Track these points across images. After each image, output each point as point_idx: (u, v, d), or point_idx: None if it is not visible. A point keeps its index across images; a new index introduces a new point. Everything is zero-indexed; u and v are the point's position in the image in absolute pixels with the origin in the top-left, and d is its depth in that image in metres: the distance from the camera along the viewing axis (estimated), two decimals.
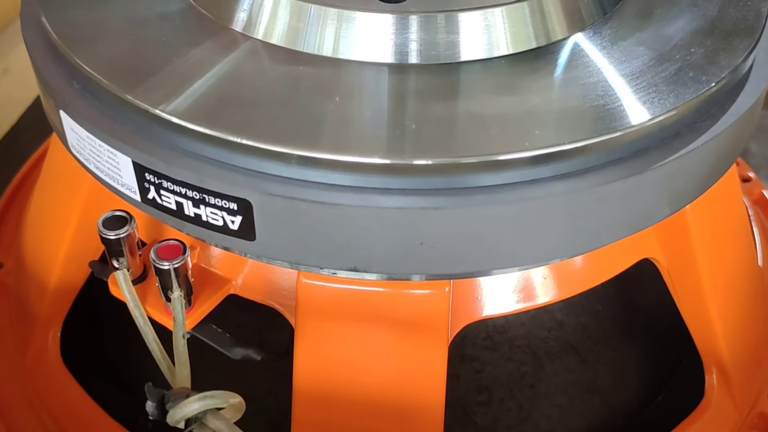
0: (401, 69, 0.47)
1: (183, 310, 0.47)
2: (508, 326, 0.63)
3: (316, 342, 0.49)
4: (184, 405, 0.37)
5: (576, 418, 0.60)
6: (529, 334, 0.63)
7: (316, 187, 0.42)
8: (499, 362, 0.61)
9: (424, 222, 0.42)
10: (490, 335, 0.63)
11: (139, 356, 0.66)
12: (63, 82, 0.49)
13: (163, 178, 0.44)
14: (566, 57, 0.49)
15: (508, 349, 0.62)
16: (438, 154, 0.42)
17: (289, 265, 0.48)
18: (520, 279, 0.52)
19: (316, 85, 0.46)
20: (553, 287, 0.53)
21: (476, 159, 0.42)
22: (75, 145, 0.49)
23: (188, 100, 0.45)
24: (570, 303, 0.65)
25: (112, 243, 0.49)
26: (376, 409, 0.49)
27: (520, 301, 0.52)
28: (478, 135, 0.43)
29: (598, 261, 0.54)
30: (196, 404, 0.36)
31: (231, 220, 0.44)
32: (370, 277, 0.48)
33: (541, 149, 0.42)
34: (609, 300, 0.66)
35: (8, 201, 0.82)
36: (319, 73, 0.47)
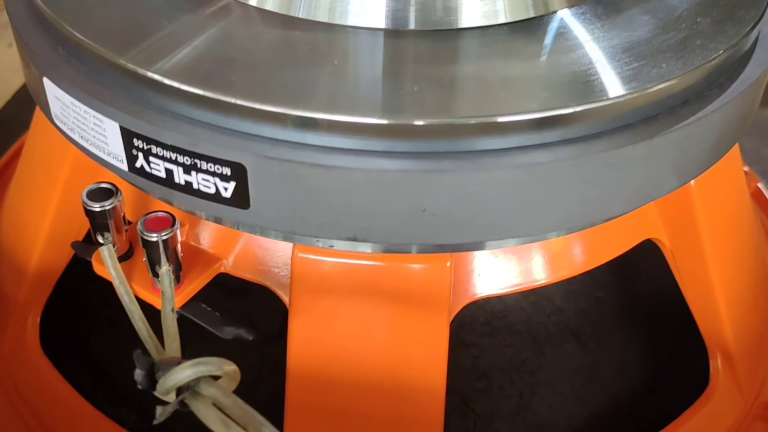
0: (399, 34, 0.46)
1: (172, 284, 0.45)
2: (507, 311, 0.61)
3: (311, 320, 0.47)
4: (175, 372, 0.34)
5: (578, 406, 0.58)
6: (528, 319, 0.61)
7: (314, 149, 0.40)
8: (498, 348, 0.59)
9: (427, 186, 0.40)
10: (488, 320, 0.61)
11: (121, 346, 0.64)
12: (47, 48, 0.47)
13: (153, 143, 0.42)
14: (569, 25, 0.48)
15: (507, 334, 0.60)
16: (442, 115, 0.40)
17: (283, 236, 0.46)
18: (523, 257, 0.50)
19: (312, 49, 0.44)
20: (557, 266, 0.51)
21: (481, 120, 0.40)
22: (59, 114, 0.47)
23: (180, 63, 0.43)
24: (570, 289, 0.64)
25: (97, 216, 0.47)
26: (375, 390, 0.47)
27: (522, 280, 0.50)
28: (483, 97, 0.41)
29: (602, 240, 0.52)
30: (188, 371, 0.34)
31: (224, 187, 0.42)
32: (369, 248, 0.46)
33: (548, 111, 0.40)
34: (609, 287, 0.65)
35: None
36: (315, 37, 0.45)
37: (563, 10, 0.49)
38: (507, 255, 0.50)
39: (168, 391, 0.35)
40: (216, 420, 0.32)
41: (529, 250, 0.51)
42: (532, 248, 0.51)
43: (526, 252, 0.51)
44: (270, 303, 0.61)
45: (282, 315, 0.61)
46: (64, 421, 0.56)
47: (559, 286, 0.63)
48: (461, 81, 0.43)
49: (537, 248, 0.51)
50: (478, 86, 0.42)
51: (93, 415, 0.55)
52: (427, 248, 0.46)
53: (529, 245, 0.50)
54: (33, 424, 0.57)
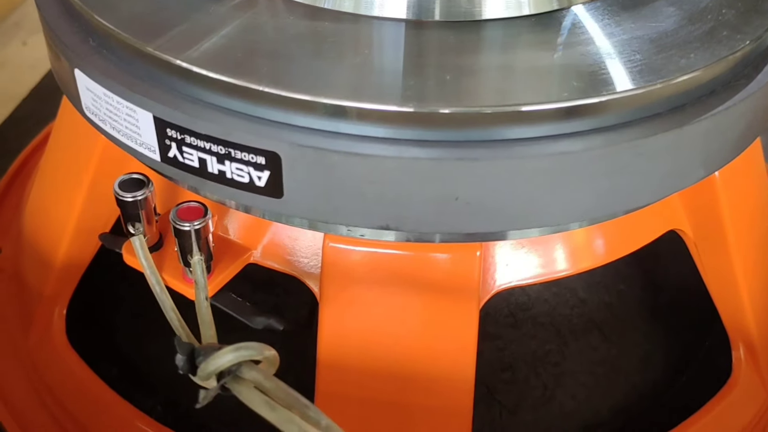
0: (424, 25, 0.46)
1: (204, 273, 0.45)
2: (531, 303, 0.62)
3: (341, 309, 0.47)
4: (216, 357, 0.34)
5: (601, 397, 0.59)
6: (552, 311, 0.61)
7: (348, 138, 0.40)
8: (522, 340, 0.60)
9: (459, 174, 0.40)
10: (512, 312, 0.61)
11: (144, 337, 0.64)
12: (78, 40, 0.47)
13: (186, 132, 0.43)
14: (594, 17, 0.48)
15: (531, 326, 0.61)
16: (475, 104, 0.40)
17: (315, 225, 0.46)
18: (549, 247, 0.51)
19: (340, 39, 0.45)
20: (583, 256, 0.52)
21: (514, 109, 0.40)
22: (90, 106, 0.48)
23: (212, 52, 0.43)
24: (592, 281, 0.64)
25: (129, 206, 0.47)
26: (404, 379, 0.48)
27: (548, 270, 0.50)
28: (515, 86, 0.42)
29: (627, 230, 0.52)
30: (229, 356, 0.34)
31: (257, 176, 0.42)
32: (399, 238, 0.46)
33: (580, 100, 0.41)
34: (631, 279, 0.65)
35: (6, 187, 0.81)
36: (342, 28, 0.46)
37: (587, 3, 0.49)
38: (534, 245, 0.50)
39: (209, 375, 0.35)
40: (261, 403, 0.32)
41: (555, 240, 0.51)
42: (558, 238, 0.51)
43: (552, 242, 0.51)
44: (295, 295, 0.62)
45: (309, 305, 0.62)
46: (91, 412, 0.56)
47: (581, 279, 0.63)
48: (491, 70, 0.43)
49: (563, 238, 0.51)
50: (509, 76, 0.43)
51: (121, 405, 0.55)
52: (456, 237, 0.47)
53: (555, 235, 0.51)
54: (60, 416, 0.58)
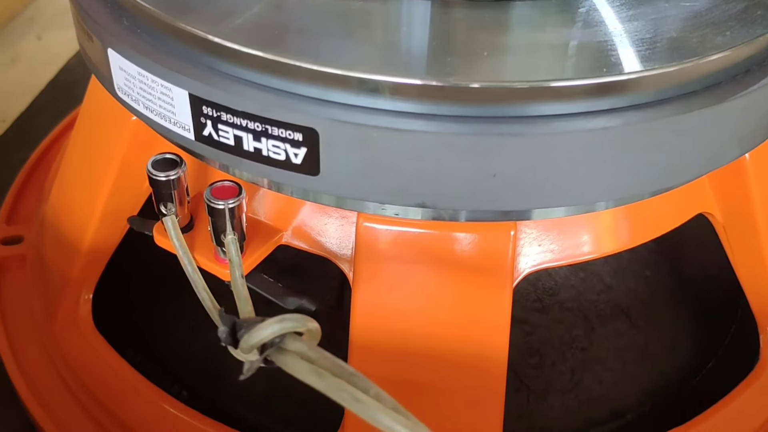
0: (453, 3, 0.46)
1: (238, 252, 0.45)
2: (558, 288, 0.62)
3: (375, 289, 0.47)
4: (260, 329, 0.34)
5: (629, 383, 0.58)
6: (579, 296, 0.61)
7: (387, 114, 0.40)
8: (549, 325, 0.59)
9: (499, 150, 0.40)
10: (539, 297, 0.61)
11: (168, 323, 0.64)
12: (111, 20, 0.47)
13: (223, 110, 0.42)
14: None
15: (558, 311, 0.60)
16: (516, 78, 0.40)
17: (349, 203, 0.46)
18: (580, 228, 0.50)
19: (374, 16, 0.45)
20: (613, 238, 0.51)
21: (554, 84, 0.40)
22: (122, 86, 0.48)
23: (247, 29, 0.43)
24: (618, 267, 0.64)
25: (162, 185, 0.47)
26: (437, 360, 0.47)
27: (580, 252, 0.50)
28: (554, 61, 0.42)
29: (658, 212, 0.52)
30: (273, 327, 0.34)
31: (294, 153, 0.42)
32: (433, 215, 0.46)
33: (619, 76, 0.41)
34: (656, 265, 0.65)
35: (26, 177, 0.81)
36: (373, 6, 0.45)
37: None
38: (565, 226, 0.50)
39: (252, 347, 0.35)
40: (308, 372, 0.32)
41: (586, 222, 0.51)
42: (589, 220, 0.51)
43: (583, 224, 0.51)
44: (320, 279, 0.61)
45: (336, 288, 0.62)
46: (119, 397, 0.56)
47: (607, 264, 0.63)
48: (527, 47, 0.43)
49: (593, 220, 0.51)
50: (547, 51, 0.42)
51: (150, 389, 0.55)
52: (490, 216, 0.47)
53: (586, 217, 0.51)
54: (86, 401, 0.58)
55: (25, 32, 1.20)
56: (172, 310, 0.64)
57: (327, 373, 0.31)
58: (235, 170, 0.49)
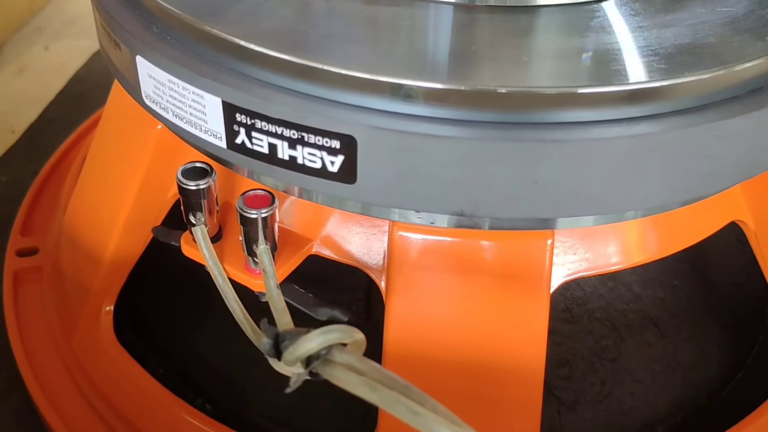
0: (484, 9, 0.45)
1: (272, 261, 0.44)
2: (586, 298, 0.61)
3: (410, 299, 0.46)
4: (305, 341, 0.33)
5: (659, 394, 0.58)
6: (608, 306, 0.60)
7: (427, 120, 0.40)
8: (579, 335, 0.59)
9: (540, 157, 0.40)
10: (568, 307, 0.60)
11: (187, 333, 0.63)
12: (140, 27, 0.47)
13: (257, 117, 0.42)
14: (660, 3, 0.48)
15: (588, 321, 0.60)
16: (558, 84, 0.39)
17: (383, 212, 0.45)
18: (616, 237, 0.50)
19: (408, 22, 0.44)
20: (647, 246, 0.51)
21: (597, 90, 0.39)
22: (151, 94, 0.47)
23: (281, 36, 0.43)
24: (646, 276, 0.63)
25: (192, 194, 0.46)
26: (473, 371, 0.46)
27: (615, 260, 0.50)
28: (595, 67, 0.41)
29: (692, 219, 0.52)
30: (319, 339, 0.33)
31: (331, 161, 0.41)
32: (472, 224, 0.45)
33: (662, 81, 0.40)
34: (684, 275, 0.64)
35: (39, 188, 0.80)
36: (407, 12, 0.45)
37: None
38: (600, 234, 0.49)
39: (297, 359, 0.34)
40: (360, 384, 0.31)
41: (621, 230, 0.50)
42: (625, 228, 0.50)
43: (618, 232, 0.50)
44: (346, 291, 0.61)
45: (361, 299, 0.61)
46: (142, 410, 0.55)
47: (635, 274, 0.63)
48: (567, 53, 0.42)
49: (629, 228, 0.50)
50: (586, 57, 0.42)
51: (174, 402, 0.54)
52: (526, 225, 0.46)
53: (621, 225, 0.50)
54: (107, 414, 0.57)
55: (32, 42, 1.19)
56: (193, 321, 0.63)
57: (380, 386, 0.31)
58: (262, 178, 0.48)
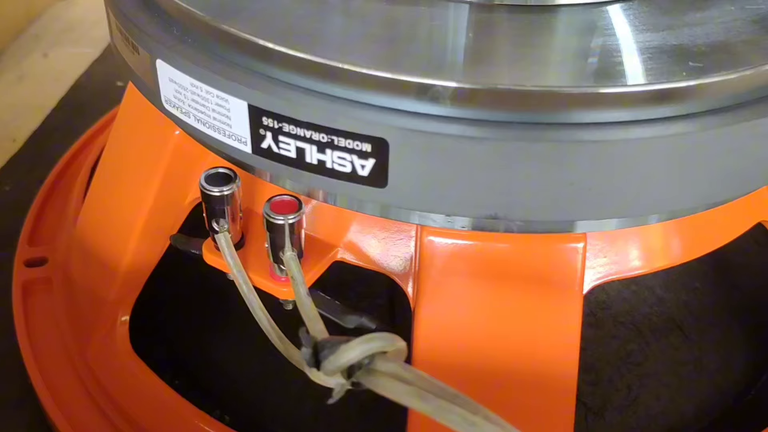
0: (510, 9, 0.45)
1: (300, 268, 0.43)
2: (610, 302, 0.60)
3: (440, 306, 0.45)
4: (346, 350, 0.32)
5: (685, 398, 0.57)
6: (632, 310, 0.60)
7: (461, 122, 0.39)
8: (604, 339, 0.58)
9: (577, 157, 0.39)
10: (593, 311, 0.59)
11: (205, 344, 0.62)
12: (159, 30, 0.46)
13: (285, 120, 0.41)
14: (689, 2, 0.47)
15: (612, 325, 0.59)
16: (595, 84, 0.39)
17: (415, 216, 0.44)
18: (645, 239, 0.49)
19: (439, 22, 0.43)
20: (677, 248, 0.50)
21: (635, 89, 0.38)
22: (171, 98, 0.46)
23: (309, 37, 0.42)
24: (669, 279, 0.62)
25: (215, 201, 0.45)
26: (505, 378, 0.45)
27: (645, 263, 0.49)
28: (631, 66, 0.40)
29: (721, 220, 0.51)
30: (362, 347, 0.32)
31: (361, 165, 0.40)
32: (505, 227, 0.44)
33: (700, 79, 0.39)
34: (705, 277, 0.63)
35: (45, 198, 0.78)
36: (429, 11, 0.44)
37: None
38: (629, 237, 0.49)
39: (338, 369, 0.33)
40: (409, 394, 0.30)
41: (650, 233, 0.49)
42: (654, 230, 0.49)
43: (648, 234, 0.49)
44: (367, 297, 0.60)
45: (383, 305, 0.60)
46: (160, 421, 0.54)
47: (658, 276, 0.62)
48: (600, 53, 0.41)
49: (658, 230, 0.49)
50: (620, 56, 0.41)
51: (194, 414, 0.53)
52: (557, 227, 0.45)
53: (650, 228, 0.49)
54: (123, 427, 0.55)
55: (30, 50, 1.18)
56: (208, 329, 0.62)
57: (431, 395, 0.30)
58: (284, 182, 0.47)
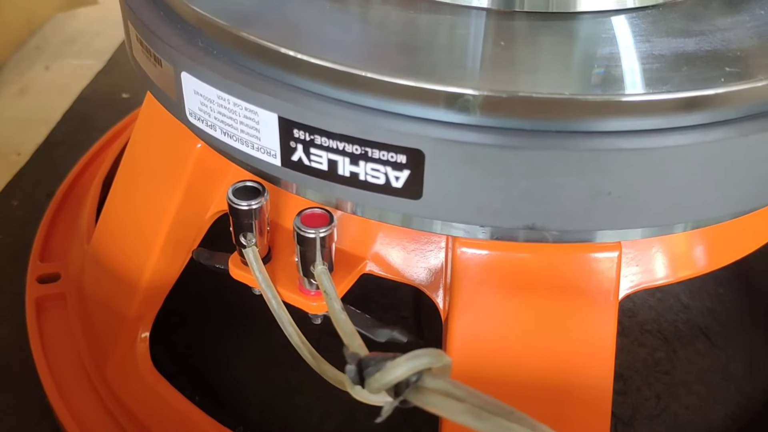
0: (531, 16, 0.44)
1: (332, 282, 0.42)
2: (636, 310, 0.59)
3: (474, 317, 0.44)
4: (394, 366, 0.31)
5: (714, 406, 0.56)
6: (658, 318, 0.59)
7: (498, 131, 0.38)
8: (632, 348, 0.57)
9: (616, 166, 0.38)
10: (620, 320, 0.58)
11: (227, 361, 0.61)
12: (183, 42, 0.45)
13: (317, 133, 0.40)
14: (717, 8, 0.47)
15: (639, 334, 0.58)
16: (633, 91, 0.38)
17: (448, 227, 0.43)
18: (677, 247, 0.48)
19: (459, 30, 0.43)
20: (706, 256, 0.49)
21: (673, 96, 0.38)
22: (196, 111, 0.45)
23: (339, 47, 0.41)
24: (693, 286, 0.62)
25: (243, 215, 0.44)
26: (540, 390, 0.45)
27: (679, 270, 0.48)
28: (668, 73, 0.39)
29: (752, 227, 0.50)
30: (408, 364, 0.31)
31: (395, 176, 0.40)
32: (539, 237, 0.43)
33: (741, 84, 0.39)
34: (729, 283, 0.63)
35: (55, 212, 0.77)
36: (462, 20, 0.44)
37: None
38: (661, 245, 0.48)
39: (384, 387, 0.32)
40: (464, 412, 0.29)
41: (680, 240, 0.49)
42: (687, 238, 0.49)
43: (678, 242, 0.49)
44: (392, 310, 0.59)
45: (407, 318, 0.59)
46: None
47: (682, 284, 0.61)
48: (638, 59, 0.41)
49: (687, 238, 0.49)
50: (654, 63, 0.40)
51: (218, 430, 0.52)
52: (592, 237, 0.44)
53: (682, 236, 0.49)
54: None
55: (32, 62, 1.17)
56: (229, 345, 0.61)
57: (487, 413, 0.29)
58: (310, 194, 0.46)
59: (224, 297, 0.55)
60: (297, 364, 0.59)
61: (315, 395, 0.57)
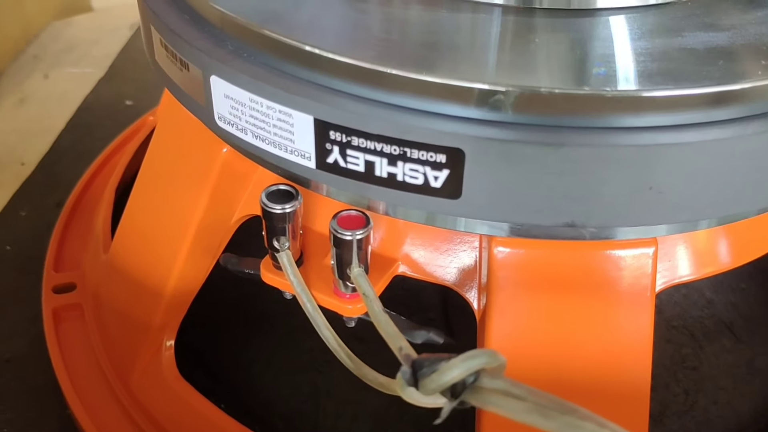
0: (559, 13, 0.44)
1: (370, 284, 0.42)
2: (662, 306, 0.59)
3: (512, 317, 0.44)
4: (450, 367, 0.31)
5: (741, 401, 0.56)
6: (684, 313, 0.59)
7: (538, 129, 0.38)
8: (659, 344, 0.57)
9: (656, 161, 0.38)
10: None
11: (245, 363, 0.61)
12: (212, 45, 0.44)
13: (354, 134, 0.40)
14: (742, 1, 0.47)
15: (666, 330, 0.58)
16: (671, 86, 0.38)
17: (488, 227, 0.43)
18: (710, 241, 0.48)
19: (498, 28, 0.43)
20: (735, 251, 0.49)
21: (713, 90, 0.38)
22: (226, 115, 0.44)
23: (374, 47, 0.41)
24: (716, 281, 0.62)
25: (277, 218, 0.44)
26: (579, 387, 0.45)
27: (708, 265, 0.48)
28: (705, 67, 0.39)
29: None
30: (465, 364, 0.31)
31: (434, 176, 0.39)
32: (577, 235, 0.43)
33: None
34: (751, 278, 0.63)
35: (66, 222, 0.76)
36: (495, 18, 0.44)
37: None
38: (692, 240, 0.48)
39: (439, 388, 0.32)
40: (528, 412, 0.29)
41: (711, 235, 0.49)
42: (714, 233, 0.49)
43: (709, 237, 0.49)
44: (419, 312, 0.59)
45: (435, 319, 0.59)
46: None
47: (706, 279, 0.61)
48: (675, 53, 0.41)
49: (717, 234, 0.49)
50: (691, 57, 0.40)
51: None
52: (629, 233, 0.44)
53: (715, 230, 0.49)
54: None
55: (30, 71, 1.16)
56: (253, 351, 0.61)
57: (553, 411, 0.29)
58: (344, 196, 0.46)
59: (241, 303, 0.54)
60: (322, 369, 0.59)
61: (343, 400, 0.56)
